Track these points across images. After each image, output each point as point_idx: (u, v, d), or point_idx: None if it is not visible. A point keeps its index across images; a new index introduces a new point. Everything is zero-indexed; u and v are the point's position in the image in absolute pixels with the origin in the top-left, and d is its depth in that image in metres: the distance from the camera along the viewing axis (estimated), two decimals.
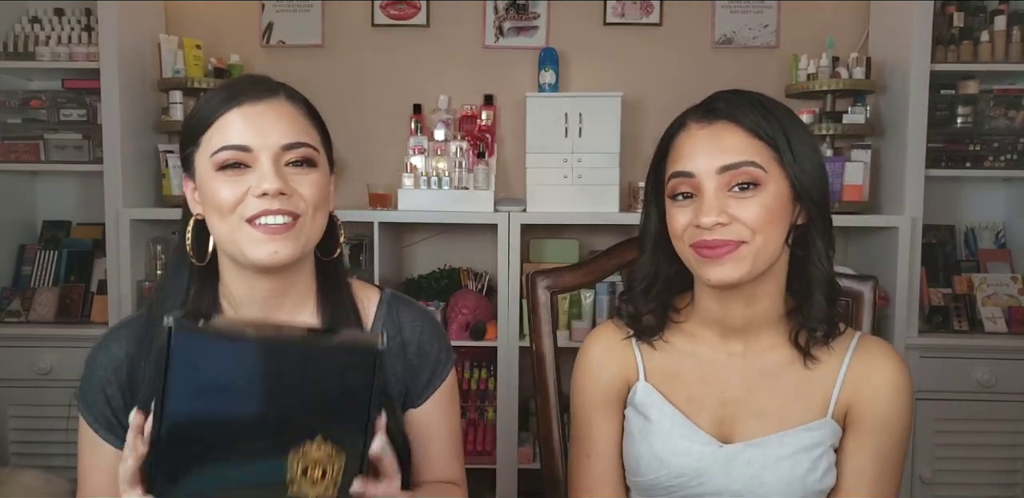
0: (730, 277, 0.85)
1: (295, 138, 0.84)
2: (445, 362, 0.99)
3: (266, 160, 0.82)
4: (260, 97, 0.84)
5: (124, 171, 2.26)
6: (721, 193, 0.85)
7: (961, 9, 2.30)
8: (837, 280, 0.91)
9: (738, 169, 0.84)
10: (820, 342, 0.90)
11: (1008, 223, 2.49)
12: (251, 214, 0.81)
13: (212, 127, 0.83)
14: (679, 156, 0.89)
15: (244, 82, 0.87)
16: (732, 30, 2.53)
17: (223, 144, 0.82)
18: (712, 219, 0.84)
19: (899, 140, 2.26)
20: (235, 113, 0.83)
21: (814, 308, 0.89)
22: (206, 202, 0.85)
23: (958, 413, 2.20)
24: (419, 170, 2.33)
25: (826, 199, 0.89)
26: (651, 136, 2.48)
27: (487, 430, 2.33)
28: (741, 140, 0.85)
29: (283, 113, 0.85)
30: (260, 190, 0.81)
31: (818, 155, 0.89)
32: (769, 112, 0.87)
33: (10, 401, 2.26)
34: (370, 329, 0.96)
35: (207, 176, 0.84)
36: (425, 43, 2.56)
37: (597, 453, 0.97)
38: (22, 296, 2.38)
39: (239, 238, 0.82)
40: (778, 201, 0.85)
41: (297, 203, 0.83)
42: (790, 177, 0.86)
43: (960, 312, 2.30)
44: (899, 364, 0.92)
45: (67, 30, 2.36)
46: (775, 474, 0.88)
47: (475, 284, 2.44)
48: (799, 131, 0.87)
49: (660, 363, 0.96)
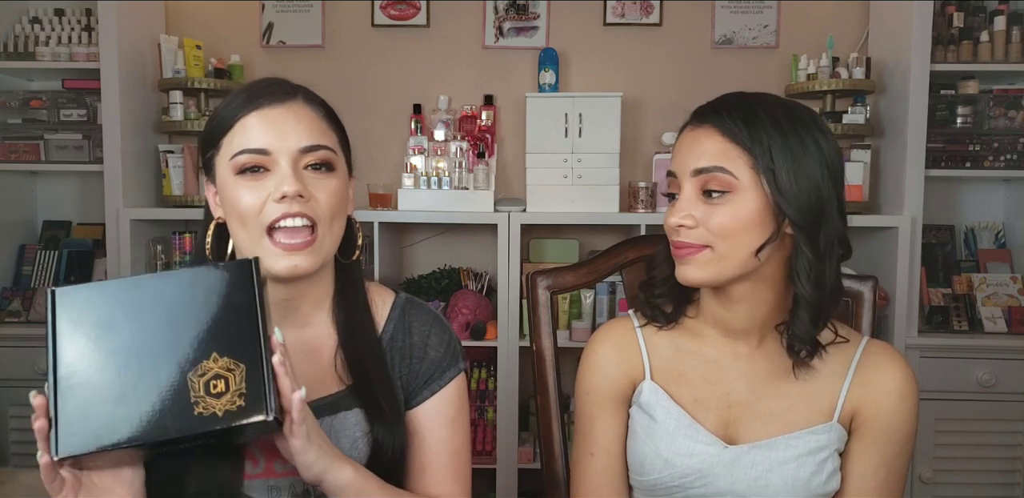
0: (692, 278, 0.87)
1: (314, 141, 0.84)
2: (448, 367, 0.96)
3: (285, 163, 0.82)
4: (280, 100, 0.85)
5: (124, 171, 2.27)
6: (696, 196, 0.86)
7: (961, 9, 2.30)
8: (828, 301, 0.87)
9: (708, 174, 0.84)
10: (802, 362, 0.89)
11: (1008, 223, 2.49)
12: (271, 219, 0.82)
13: (232, 130, 0.84)
14: (672, 156, 0.91)
15: (263, 85, 0.87)
16: (732, 30, 2.53)
17: (242, 147, 0.83)
18: (676, 220, 0.86)
19: (899, 140, 2.26)
20: (254, 116, 0.83)
21: (796, 327, 0.87)
22: (228, 208, 0.85)
23: (958, 413, 2.20)
24: (419, 170, 2.33)
25: (818, 213, 0.84)
26: (651, 136, 2.51)
27: (487, 430, 2.33)
28: (717, 145, 0.85)
29: (302, 115, 0.85)
30: (279, 193, 0.81)
31: (810, 166, 0.84)
32: (757, 118, 0.84)
33: (10, 401, 2.27)
34: (381, 331, 0.96)
35: (227, 180, 0.84)
36: (425, 43, 2.56)
37: (601, 451, 0.97)
38: (22, 296, 2.39)
39: (258, 251, 0.83)
40: (751, 210, 0.84)
41: (315, 208, 0.83)
42: (766, 186, 0.83)
43: (960, 312, 2.30)
44: (906, 370, 0.92)
45: (67, 30, 2.37)
46: (780, 477, 0.88)
47: (475, 284, 2.44)
48: (791, 139, 0.83)
49: (666, 363, 0.96)
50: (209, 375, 0.70)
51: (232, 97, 0.87)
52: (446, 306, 2.35)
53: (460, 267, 2.50)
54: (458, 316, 2.30)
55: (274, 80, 0.89)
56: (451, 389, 0.96)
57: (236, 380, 0.71)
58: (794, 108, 0.87)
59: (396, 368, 0.95)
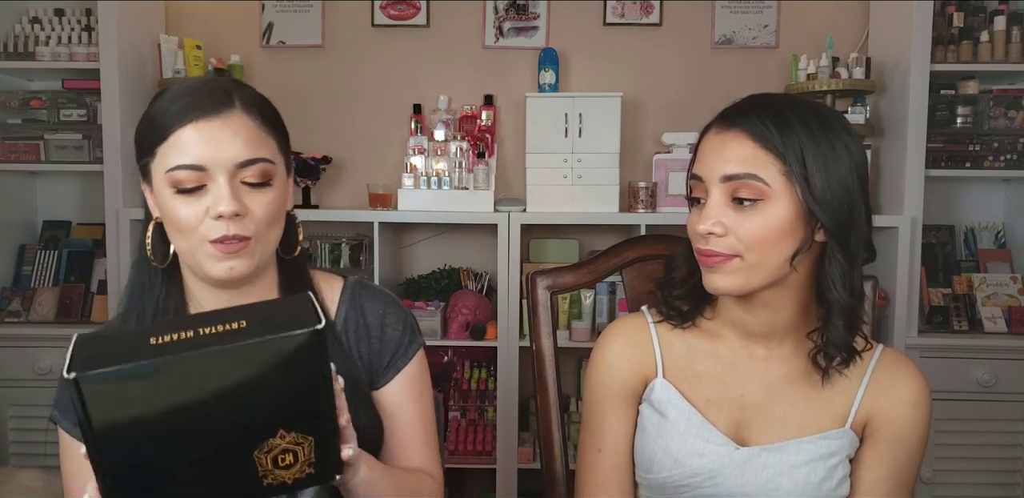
0: (723, 287, 0.86)
1: (251, 154, 0.84)
2: (409, 344, 0.99)
3: (222, 180, 0.83)
4: (215, 111, 0.83)
5: (124, 171, 2.27)
6: (725, 202, 0.84)
7: (961, 9, 2.30)
8: (859, 307, 0.86)
9: (740, 180, 0.82)
10: (834, 369, 0.89)
11: (1008, 223, 2.49)
12: (211, 238, 0.83)
13: (167, 142, 0.83)
14: (697, 158, 0.89)
15: (198, 93, 0.85)
16: (732, 30, 2.53)
17: (178, 162, 0.82)
18: (705, 228, 0.84)
19: (899, 140, 2.26)
20: (190, 129, 0.82)
21: (832, 334, 0.86)
22: (165, 217, 0.87)
23: (958, 413, 2.19)
24: (419, 170, 2.33)
25: (849, 219, 0.83)
26: (651, 136, 2.51)
27: (487, 430, 2.32)
28: (748, 151, 0.83)
29: (238, 127, 0.84)
30: (216, 212, 0.82)
31: (842, 172, 0.82)
32: (788, 123, 0.82)
33: (10, 401, 2.26)
34: (334, 317, 0.97)
35: (164, 192, 0.84)
36: (425, 43, 2.56)
37: (609, 447, 0.96)
38: (22, 296, 2.39)
39: (198, 255, 0.85)
40: (783, 219, 0.82)
41: (248, 225, 0.84)
42: (800, 194, 0.82)
43: (960, 312, 2.30)
44: (920, 380, 0.92)
45: (67, 30, 2.36)
46: (791, 480, 0.88)
47: (475, 284, 2.44)
48: (823, 146, 0.82)
49: (680, 361, 0.96)
50: (276, 451, 0.66)
51: (168, 101, 0.85)
52: (446, 306, 2.35)
53: (460, 267, 2.50)
54: (458, 316, 2.29)
55: (210, 85, 0.86)
56: (414, 365, 1.00)
57: (305, 452, 0.67)
58: (823, 111, 0.86)
59: (354, 349, 0.97)
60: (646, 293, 1.18)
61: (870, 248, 0.87)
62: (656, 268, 1.19)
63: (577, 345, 2.27)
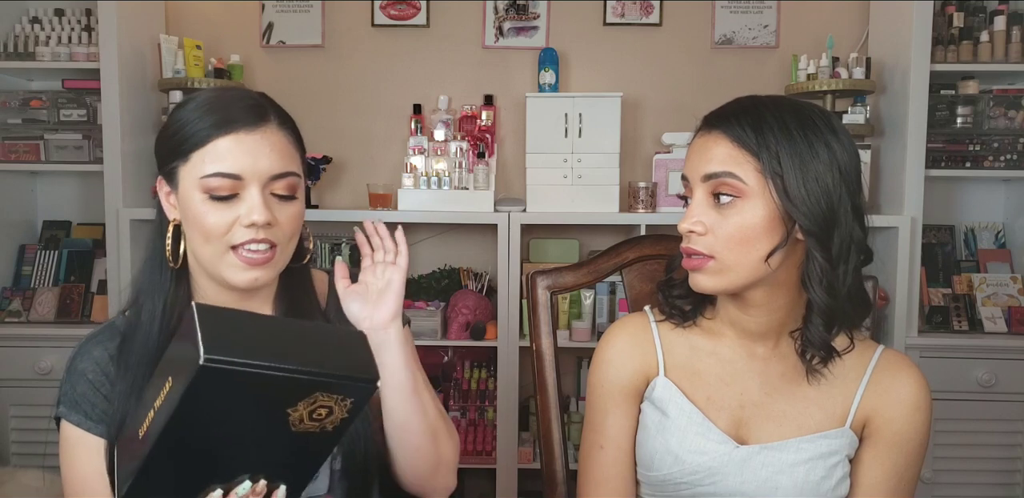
0: (706, 287, 0.88)
1: (284, 168, 0.88)
2: None
3: (255, 190, 0.86)
4: (255, 125, 0.87)
5: (124, 171, 2.26)
6: (707, 201, 0.86)
7: (961, 9, 2.30)
8: (844, 308, 0.86)
9: (719, 179, 0.85)
10: (813, 368, 0.89)
11: (1008, 223, 2.49)
12: (239, 242, 0.86)
13: (205, 148, 0.85)
14: (685, 160, 0.91)
15: (238, 106, 0.87)
16: (732, 30, 2.53)
17: (216, 170, 0.85)
18: (687, 226, 0.87)
19: (899, 140, 2.26)
20: (230, 139, 0.85)
21: (810, 332, 0.87)
22: (189, 221, 0.88)
23: (958, 413, 2.19)
24: (419, 170, 2.33)
25: (829, 218, 0.83)
26: (651, 136, 2.51)
27: (487, 430, 2.33)
28: (726, 151, 0.85)
29: (275, 142, 0.88)
30: (249, 220, 0.85)
31: (819, 170, 0.83)
32: (765, 123, 0.84)
33: (10, 401, 2.26)
34: (324, 307, 1.01)
35: (193, 196, 0.86)
36: (425, 43, 2.56)
37: (610, 444, 0.97)
38: (22, 296, 2.38)
39: (220, 263, 0.88)
40: (760, 217, 0.83)
41: (277, 233, 0.88)
42: (773, 192, 0.83)
43: (960, 312, 2.30)
44: (921, 381, 0.92)
45: (67, 30, 2.36)
46: (790, 478, 0.88)
47: (475, 284, 2.44)
48: (799, 144, 0.83)
49: (681, 360, 0.96)
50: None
51: (203, 109, 0.87)
52: (446, 306, 2.35)
53: (460, 267, 2.50)
54: (458, 316, 2.30)
55: (248, 100, 0.89)
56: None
57: None
58: (806, 111, 0.86)
59: None
60: (646, 293, 1.18)
61: (864, 249, 0.87)
62: (656, 268, 1.19)
63: (577, 345, 2.27)
